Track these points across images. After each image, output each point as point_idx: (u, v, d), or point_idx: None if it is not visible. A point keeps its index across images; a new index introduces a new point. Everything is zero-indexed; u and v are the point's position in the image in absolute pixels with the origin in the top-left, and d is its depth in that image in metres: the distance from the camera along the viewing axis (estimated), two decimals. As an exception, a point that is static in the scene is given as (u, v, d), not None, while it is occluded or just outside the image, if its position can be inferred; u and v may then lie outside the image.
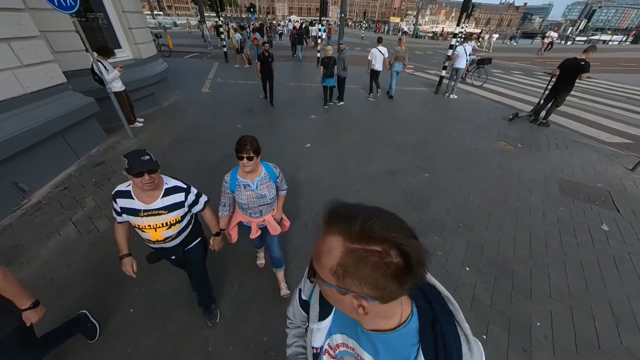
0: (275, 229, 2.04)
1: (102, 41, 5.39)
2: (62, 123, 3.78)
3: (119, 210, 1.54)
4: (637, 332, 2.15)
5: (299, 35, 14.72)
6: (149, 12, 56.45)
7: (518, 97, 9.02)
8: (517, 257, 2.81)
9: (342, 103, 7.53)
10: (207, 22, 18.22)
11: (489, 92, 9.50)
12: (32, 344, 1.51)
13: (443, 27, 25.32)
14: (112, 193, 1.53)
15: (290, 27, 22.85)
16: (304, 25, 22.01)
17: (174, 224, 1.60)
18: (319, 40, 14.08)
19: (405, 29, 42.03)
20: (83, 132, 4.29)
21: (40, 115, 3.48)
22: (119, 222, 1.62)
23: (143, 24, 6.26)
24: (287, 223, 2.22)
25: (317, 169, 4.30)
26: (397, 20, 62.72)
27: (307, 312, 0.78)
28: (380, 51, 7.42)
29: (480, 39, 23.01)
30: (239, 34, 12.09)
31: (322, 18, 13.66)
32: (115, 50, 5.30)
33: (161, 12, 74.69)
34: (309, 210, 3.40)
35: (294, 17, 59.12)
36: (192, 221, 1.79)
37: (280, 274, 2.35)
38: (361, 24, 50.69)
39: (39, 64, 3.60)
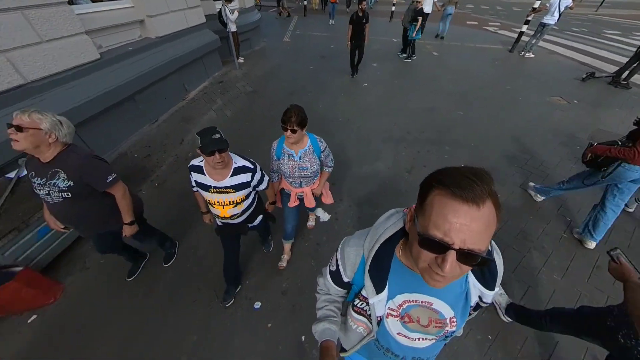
0: (310, 202, 2.10)
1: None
2: (204, 50, 5.75)
3: (193, 183, 1.65)
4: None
5: None
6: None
7: (612, 59, 7.83)
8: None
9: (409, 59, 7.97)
10: None
11: (578, 52, 8.41)
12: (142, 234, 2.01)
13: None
14: (188, 166, 1.61)
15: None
16: None
17: (240, 203, 1.67)
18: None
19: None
20: (211, 60, 6.28)
21: (196, 42, 5.46)
22: (194, 191, 1.75)
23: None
24: (328, 200, 2.26)
25: (370, 101, 5.44)
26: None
27: (345, 288, 0.88)
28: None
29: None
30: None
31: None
32: (228, 6, 7.02)
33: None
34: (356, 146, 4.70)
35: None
36: (256, 199, 1.87)
37: (287, 246, 2.43)
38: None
39: (195, 7, 5.48)
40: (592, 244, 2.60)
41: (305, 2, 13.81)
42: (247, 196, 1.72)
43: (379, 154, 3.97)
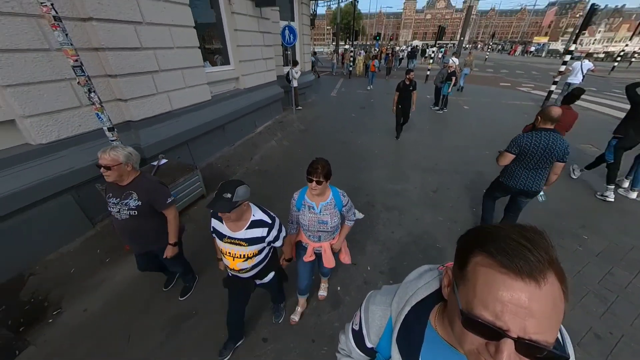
0: (329, 261, 1.96)
1: (292, 61, 9.49)
2: (272, 99, 7.57)
3: (211, 228, 1.66)
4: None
5: (412, 52, 19.47)
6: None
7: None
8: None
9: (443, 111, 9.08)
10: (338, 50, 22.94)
11: (612, 109, 8.56)
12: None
13: (627, 45, 20.07)
14: (211, 210, 1.55)
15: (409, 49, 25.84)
16: (420, 47, 25.71)
17: (251, 257, 1.63)
18: (432, 59, 15.85)
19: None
20: (275, 106, 8.10)
21: (267, 93, 7.30)
22: (213, 236, 1.70)
23: (309, 52, 10.24)
24: (347, 258, 2.12)
25: (404, 139, 6.38)
26: (544, 39, 53.85)
27: (369, 356, 0.75)
28: (453, 60, 9.82)
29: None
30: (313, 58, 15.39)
31: (440, 42, 15.37)
32: (294, 68, 9.24)
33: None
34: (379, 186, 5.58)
35: (416, 42, 61.14)
36: (269, 254, 1.80)
37: (302, 299, 2.28)
38: (489, 45, 47.19)
39: (271, 70, 7.50)
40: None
41: (350, 68, 16.61)
42: (260, 251, 1.67)
43: (408, 177, 4.69)
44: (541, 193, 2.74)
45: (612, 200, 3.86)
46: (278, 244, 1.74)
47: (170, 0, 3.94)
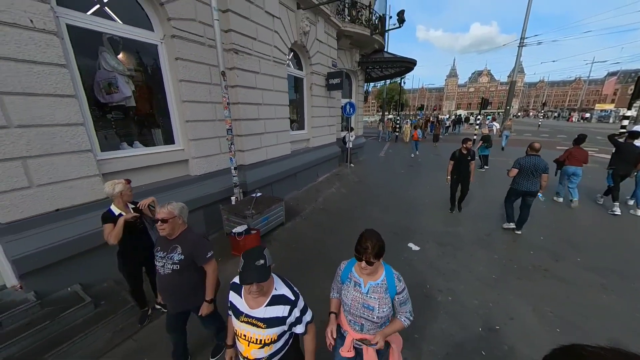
0: None
1: (348, 127, 11.41)
2: (331, 157, 9.10)
3: (229, 304, 1.45)
4: None
5: (458, 120, 20.92)
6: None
7: None
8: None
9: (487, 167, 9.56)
10: (384, 119, 25.68)
11: None
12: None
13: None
14: (230, 283, 1.43)
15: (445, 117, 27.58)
16: (464, 116, 27.45)
17: (268, 344, 1.35)
18: (478, 126, 16.65)
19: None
20: (333, 162, 9.59)
21: (331, 150, 8.89)
22: (228, 315, 1.49)
23: (361, 120, 12.22)
24: None
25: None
26: (609, 106, 50.98)
27: None
28: (495, 125, 11.61)
29: None
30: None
31: (485, 110, 16.43)
32: (349, 133, 11.07)
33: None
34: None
35: (460, 111, 63.71)
36: (290, 344, 1.48)
37: None
38: (541, 113, 46.77)
39: (332, 134, 9.27)
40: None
41: (397, 133, 18.36)
42: (279, 337, 1.39)
43: (460, 221, 5.08)
44: (539, 194, 4.37)
45: (619, 213, 5.31)
46: (299, 329, 1.43)
47: (278, 90, 5.93)
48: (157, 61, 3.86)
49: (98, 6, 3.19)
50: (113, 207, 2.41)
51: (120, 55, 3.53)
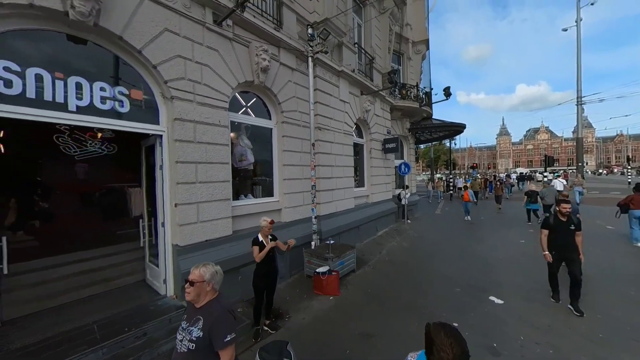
0: None
1: (403, 185, 11.99)
2: (388, 212, 9.56)
3: None
4: None
5: (522, 176, 20.52)
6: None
7: None
8: None
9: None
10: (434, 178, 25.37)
11: None
12: None
13: None
14: None
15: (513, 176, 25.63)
16: (527, 174, 25.50)
17: None
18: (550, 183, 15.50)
19: None
20: (390, 217, 9.95)
21: (388, 206, 9.41)
22: None
23: (414, 178, 12.77)
24: None
25: (519, 245, 6.45)
26: None
27: None
28: (560, 181, 10.73)
29: None
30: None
31: (551, 167, 15.42)
32: (400, 190, 11.60)
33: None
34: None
35: (520, 169, 58.83)
36: None
37: None
38: (629, 168, 40.07)
39: (388, 191, 9.93)
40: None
41: (451, 192, 18.00)
42: None
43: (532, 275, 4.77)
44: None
45: None
46: None
47: (346, 154, 7.21)
48: (270, 138, 5.46)
49: (244, 108, 5.00)
50: (259, 235, 3.40)
51: (249, 135, 5.18)
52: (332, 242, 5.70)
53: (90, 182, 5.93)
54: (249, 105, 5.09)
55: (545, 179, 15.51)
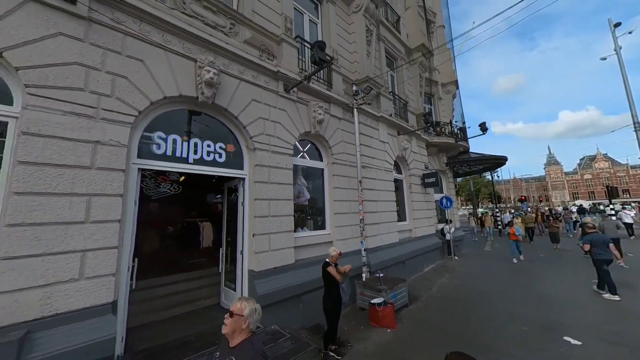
0: None
1: (446, 220, 11.73)
2: (433, 247, 9.35)
3: None
4: None
5: (581, 210, 18.60)
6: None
7: None
8: None
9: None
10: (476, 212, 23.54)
11: None
12: None
13: None
14: None
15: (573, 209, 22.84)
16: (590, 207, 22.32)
17: None
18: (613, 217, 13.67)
19: None
20: (436, 253, 9.65)
21: (432, 241, 9.26)
22: None
23: (457, 212, 12.40)
24: None
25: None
26: None
27: None
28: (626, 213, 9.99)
29: None
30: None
31: (615, 199, 13.80)
32: (443, 224, 11.30)
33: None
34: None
35: (579, 202, 52.18)
36: None
37: None
38: None
39: (430, 225, 9.83)
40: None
41: (500, 228, 16.70)
42: None
43: (633, 317, 4.29)
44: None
45: None
46: None
47: (388, 190, 7.65)
48: (322, 177, 6.22)
49: (302, 153, 5.91)
50: (328, 260, 3.89)
51: (304, 175, 5.99)
52: (382, 274, 5.88)
53: (164, 217, 7.16)
54: (305, 150, 6.01)
55: (609, 211, 13.80)
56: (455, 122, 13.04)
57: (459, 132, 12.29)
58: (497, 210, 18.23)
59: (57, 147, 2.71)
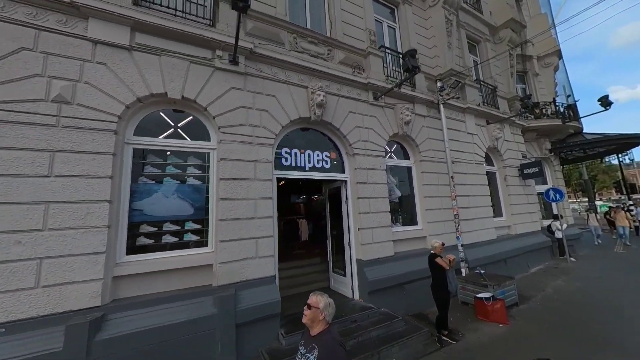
0: None
1: (554, 215, 10.08)
2: (540, 245, 8.25)
3: None
4: None
5: None
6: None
7: None
8: None
9: None
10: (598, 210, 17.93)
11: None
12: None
13: None
14: None
15: None
16: None
17: None
18: None
19: None
20: (543, 253, 8.48)
21: (536, 239, 8.22)
22: None
23: (569, 207, 10.46)
24: None
25: None
26: None
27: None
28: None
29: None
30: None
31: None
32: (551, 221, 9.70)
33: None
34: None
35: None
36: None
37: None
38: None
39: (535, 222, 8.67)
40: None
41: (636, 225, 13.11)
42: None
43: None
44: None
45: None
46: None
47: (480, 184, 7.26)
48: (410, 175, 6.48)
49: (389, 154, 6.31)
50: (433, 251, 4.25)
51: (392, 174, 6.37)
52: (482, 271, 5.75)
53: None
54: (392, 150, 6.40)
55: None
56: (558, 98, 11.00)
57: (565, 110, 10.34)
58: (630, 203, 14.11)
59: (237, 167, 3.95)
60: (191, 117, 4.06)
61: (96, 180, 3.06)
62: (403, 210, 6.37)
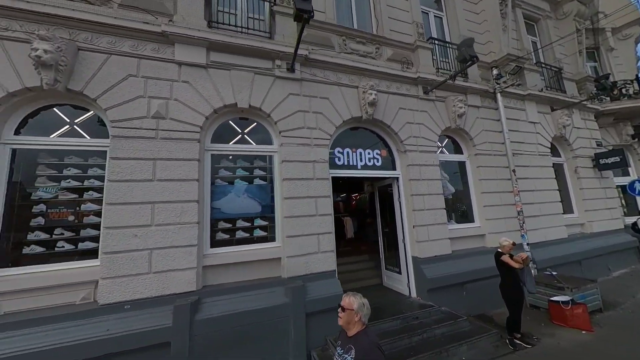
0: None
1: (628, 211, 8.71)
2: (623, 246, 7.18)
3: None
4: None
5: None
6: None
7: None
8: None
9: None
10: None
11: None
12: None
13: None
14: None
15: None
16: None
17: None
18: None
19: None
20: (628, 255, 7.35)
21: (618, 239, 7.17)
22: None
23: (660, 201, 8.89)
24: None
25: None
26: None
27: None
28: None
29: None
30: None
31: None
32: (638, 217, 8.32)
33: None
34: None
35: None
36: None
37: None
38: None
39: (616, 219, 7.56)
40: None
41: None
42: None
43: None
44: None
45: None
46: None
47: (547, 177, 6.59)
48: (464, 170, 6.16)
49: (441, 148, 6.06)
50: (500, 250, 4.02)
51: (445, 170, 6.10)
52: (554, 272, 5.26)
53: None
54: (443, 145, 6.15)
55: None
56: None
57: (653, 89, 8.77)
58: None
59: (297, 168, 4.22)
60: (255, 124, 4.44)
61: (187, 183, 3.56)
62: (457, 207, 6.10)
